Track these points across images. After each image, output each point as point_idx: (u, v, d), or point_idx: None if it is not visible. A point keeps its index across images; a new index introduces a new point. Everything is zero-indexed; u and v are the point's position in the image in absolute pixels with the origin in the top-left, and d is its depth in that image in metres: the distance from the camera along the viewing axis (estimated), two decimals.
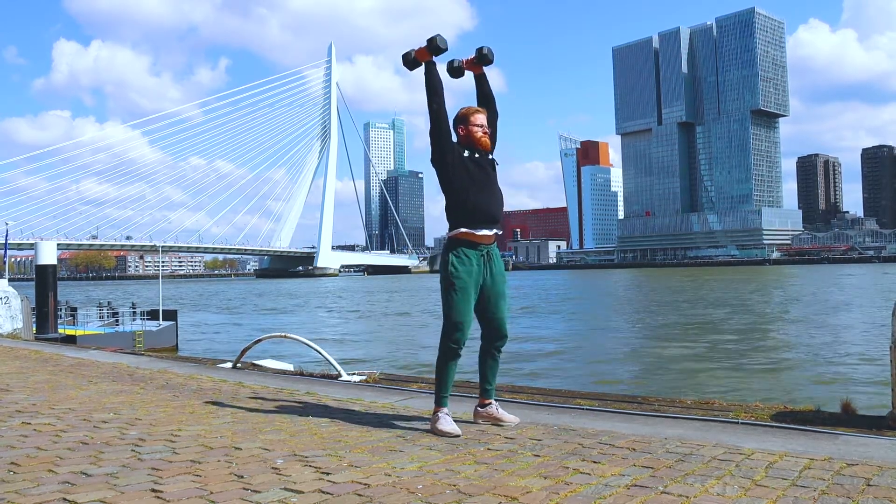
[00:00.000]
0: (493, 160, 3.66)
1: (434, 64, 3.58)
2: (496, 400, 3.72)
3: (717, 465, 2.64)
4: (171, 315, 22.32)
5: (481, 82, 3.81)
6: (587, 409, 3.99)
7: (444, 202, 3.61)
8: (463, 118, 3.62)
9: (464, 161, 3.54)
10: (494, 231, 3.53)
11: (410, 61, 3.61)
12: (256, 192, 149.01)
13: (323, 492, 2.39)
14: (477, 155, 3.58)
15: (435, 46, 3.47)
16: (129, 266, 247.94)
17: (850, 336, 19.92)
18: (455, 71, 3.77)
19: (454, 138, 3.61)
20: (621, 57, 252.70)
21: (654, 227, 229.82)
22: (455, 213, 3.51)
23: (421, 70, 3.62)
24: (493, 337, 3.59)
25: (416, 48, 3.61)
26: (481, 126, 3.61)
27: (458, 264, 3.45)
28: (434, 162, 3.59)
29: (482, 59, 3.73)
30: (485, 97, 3.81)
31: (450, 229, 3.55)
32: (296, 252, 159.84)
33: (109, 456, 2.96)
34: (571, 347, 19.43)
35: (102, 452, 3.03)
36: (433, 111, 3.54)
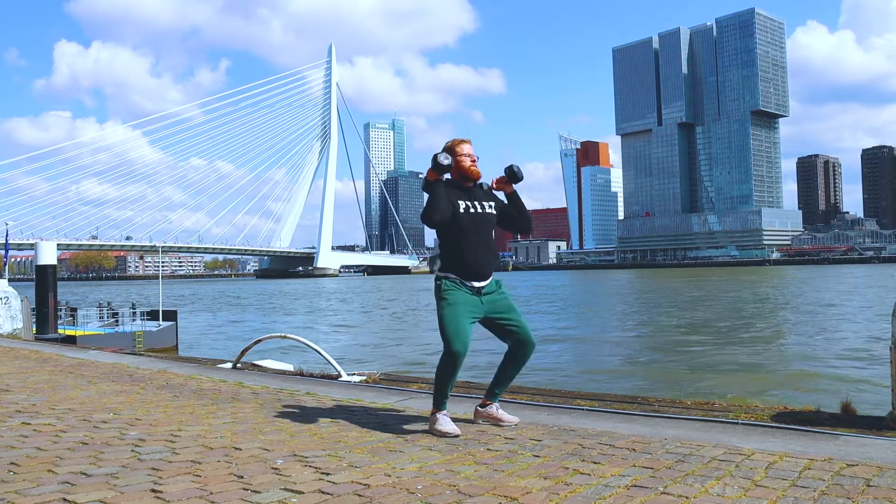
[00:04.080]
0: (489, 213, 3.64)
1: (442, 183, 3.55)
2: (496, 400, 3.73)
3: (717, 466, 2.64)
4: (171, 315, 22.31)
5: (514, 200, 3.77)
6: (587, 410, 4.00)
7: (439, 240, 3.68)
8: (449, 150, 3.63)
9: (459, 217, 3.54)
10: (483, 283, 3.57)
11: (427, 185, 3.58)
12: (256, 192, 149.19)
13: (323, 492, 2.39)
14: (472, 209, 3.57)
15: (438, 165, 3.49)
16: (129, 266, 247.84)
17: (849, 336, 19.91)
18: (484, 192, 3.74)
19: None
20: (621, 57, 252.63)
21: (654, 227, 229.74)
22: (447, 262, 3.58)
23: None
24: (521, 347, 3.60)
25: (427, 171, 3.58)
26: (469, 155, 3.64)
27: (448, 285, 3.51)
28: (424, 222, 3.57)
29: (512, 177, 3.71)
30: (520, 214, 3.77)
31: (440, 269, 3.60)
32: (296, 252, 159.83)
33: (109, 456, 2.96)
34: (572, 347, 19.44)
35: (102, 452, 3.03)
36: (433, 222, 3.50)
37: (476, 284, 3.53)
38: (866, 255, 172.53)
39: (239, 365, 6.83)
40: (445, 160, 3.49)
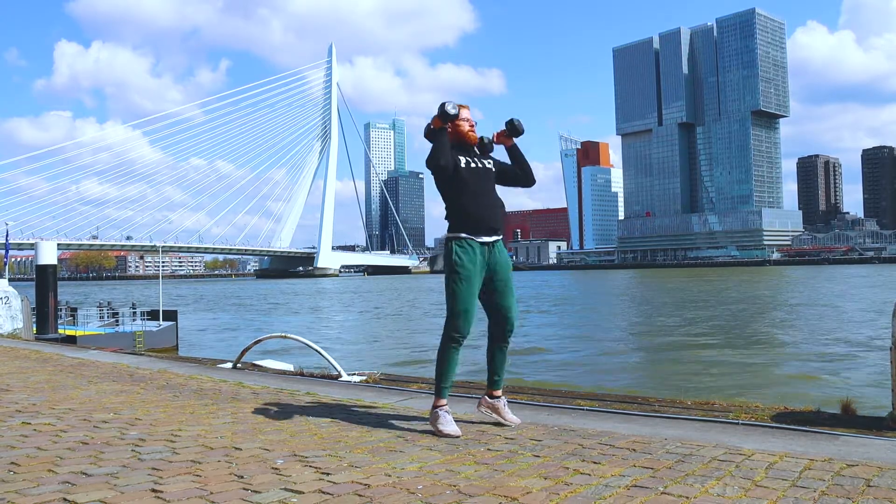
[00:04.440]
0: (488, 168, 3.64)
1: (447, 131, 3.54)
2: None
3: (718, 466, 2.63)
4: (171, 315, 22.32)
5: (515, 153, 3.78)
6: (587, 410, 3.99)
7: (443, 204, 3.63)
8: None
9: (461, 171, 3.54)
10: (494, 238, 3.55)
11: (430, 133, 3.58)
12: (257, 192, 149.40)
13: (323, 492, 2.39)
14: (472, 164, 3.58)
15: (444, 113, 3.49)
16: (130, 266, 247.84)
17: (849, 336, 19.91)
18: (486, 147, 3.74)
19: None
20: (622, 57, 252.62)
21: (654, 227, 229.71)
22: (456, 221, 3.53)
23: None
24: (502, 326, 3.57)
25: (432, 119, 3.58)
26: (467, 120, 3.64)
27: (462, 253, 3.45)
28: (430, 166, 3.56)
29: (513, 130, 3.71)
30: (522, 168, 3.78)
31: (450, 231, 3.56)
32: (296, 252, 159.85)
33: (109, 456, 2.96)
34: (573, 347, 19.43)
35: (102, 452, 3.03)
36: (440, 167, 3.48)
37: (487, 239, 3.50)
38: (867, 256, 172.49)
39: (239, 365, 6.82)
40: (453, 110, 3.48)
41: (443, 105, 3.49)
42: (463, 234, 3.48)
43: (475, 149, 3.70)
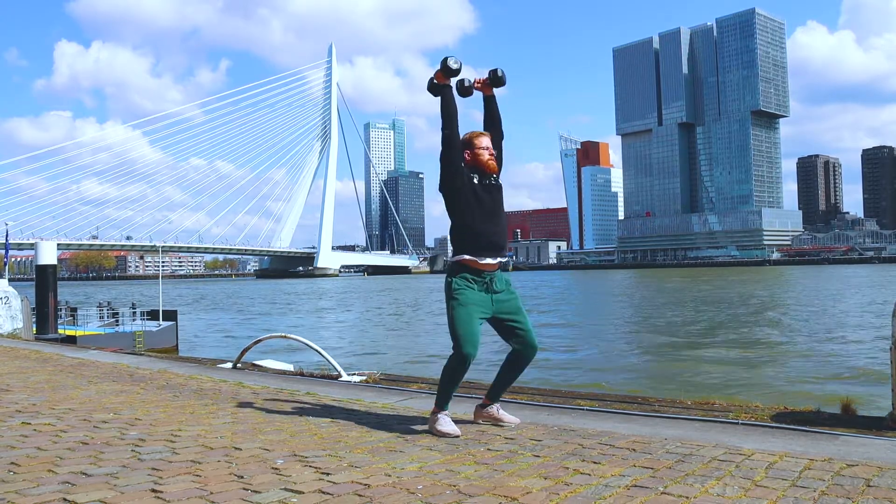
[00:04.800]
0: (499, 184, 3.65)
1: (450, 89, 3.56)
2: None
3: (717, 466, 2.64)
4: (171, 315, 22.31)
5: (490, 104, 3.78)
6: (587, 410, 3.99)
7: (446, 205, 3.62)
8: (468, 142, 3.60)
9: (473, 187, 3.53)
10: (498, 259, 3.52)
11: (433, 87, 3.58)
12: (257, 192, 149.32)
13: (323, 492, 2.39)
14: (487, 181, 3.57)
15: (446, 68, 3.47)
16: (130, 266, 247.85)
17: (849, 336, 19.91)
18: (465, 91, 3.72)
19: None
20: (622, 57, 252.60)
21: (654, 227, 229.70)
22: (460, 240, 3.51)
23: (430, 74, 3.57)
24: (523, 349, 3.56)
25: (435, 73, 3.58)
26: (487, 148, 3.61)
27: (461, 284, 3.46)
28: (442, 188, 3.57)
29: (496, 80, 3.71)
30: (492, 119, 3.79)
31: (453, 254, 3.56)
32: (296, 252, 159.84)
33: (109, 456, 2.96)
34: (572, 347, 19.43)
35: (102, 452, 3.03)
36: (446, 136, 3.51)
37: (490, 261, 3.47)
38: (866, 256, 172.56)
39: (239, 365, 6.83)
40: (455, 64, 3.48)
41: (445, 59, 3.46)
42: (466, 256, 3.46)
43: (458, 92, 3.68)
